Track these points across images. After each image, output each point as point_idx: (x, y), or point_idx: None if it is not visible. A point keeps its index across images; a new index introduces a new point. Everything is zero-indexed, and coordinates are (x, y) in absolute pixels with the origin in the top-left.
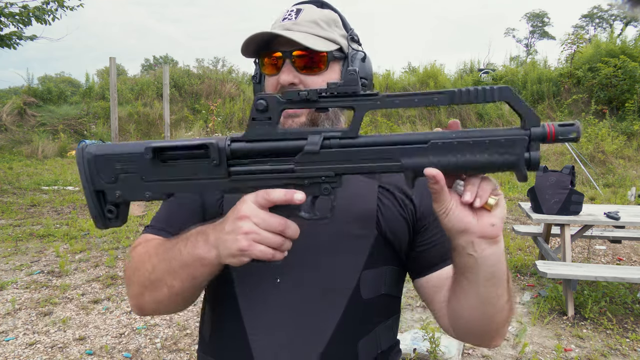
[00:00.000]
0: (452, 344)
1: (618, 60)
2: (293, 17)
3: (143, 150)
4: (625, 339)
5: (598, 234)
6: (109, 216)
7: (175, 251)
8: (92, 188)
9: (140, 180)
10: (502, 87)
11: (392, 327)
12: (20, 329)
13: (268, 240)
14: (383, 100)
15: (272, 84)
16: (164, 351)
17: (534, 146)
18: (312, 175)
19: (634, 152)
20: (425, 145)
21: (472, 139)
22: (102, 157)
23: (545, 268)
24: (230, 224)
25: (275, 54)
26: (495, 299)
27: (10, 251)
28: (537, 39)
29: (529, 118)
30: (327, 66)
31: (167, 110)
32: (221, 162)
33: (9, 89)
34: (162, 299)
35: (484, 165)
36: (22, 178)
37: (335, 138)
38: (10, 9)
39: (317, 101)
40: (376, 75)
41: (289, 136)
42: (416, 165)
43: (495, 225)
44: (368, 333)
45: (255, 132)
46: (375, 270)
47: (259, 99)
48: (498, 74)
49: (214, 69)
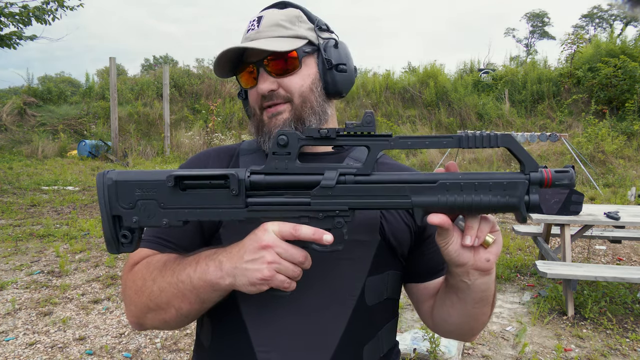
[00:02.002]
0: (452, 344)
1: (618, 60)
2: (255, 27)
3: (165, 178)
4: (625, 339)
5: (598, 234)
6: (122, 241)
7: (184, 275)
8: (109, 213)
9: (159, 207)
10: (505, 134)
11: (393, 329)
12: (20, 329)
13: (288, 271)
14: (396, 141)
15: (253, 95)
16: (164, 351)
17: (532, 189)
18: (327, 209)
19: (634, 152)
20: (434, 185)
21: (477, 180)
22: (122, 183)
23: (545, 268)
24: (251, 253)
25: (248, 68)
26: (481, 315)
27: (10, 251)
28: (537, 39)
29: (528, 163)
30: (300, 64)
31: (167, 110)
32: (240, 193)
33: (9, 89)
34: (168, 319)
35: (487, 205)
36: (22, 178)
37: (351, 174)
38: (10, 9)
39: (335, 139)
40: (376, 75)
41: (306, 171)
42: (425, 203)
43: (490, 260)
44: (372, 338)
45: (274, 165)
46: (379, 276)
47: (280, 135)
48: (498, 74)
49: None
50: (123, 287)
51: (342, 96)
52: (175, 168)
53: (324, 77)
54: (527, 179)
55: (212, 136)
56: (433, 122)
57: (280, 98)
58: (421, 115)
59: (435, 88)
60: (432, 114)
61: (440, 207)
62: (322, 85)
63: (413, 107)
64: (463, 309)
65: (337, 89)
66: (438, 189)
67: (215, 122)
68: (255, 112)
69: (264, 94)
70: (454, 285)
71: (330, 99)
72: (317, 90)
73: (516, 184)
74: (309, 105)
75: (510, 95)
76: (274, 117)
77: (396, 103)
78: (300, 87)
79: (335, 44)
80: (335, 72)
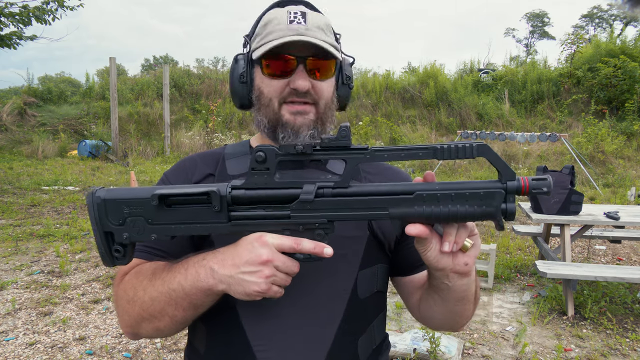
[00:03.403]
0: (452, 344)
1: (618, 60)
2: (302, 22)
3: (149, 196)
4: (625, 339)
5: (598, 234)
6: (116, 255)
7: (175, 284)
8: (101, 230)
9: (147, 223)
10: (480, 144)
11: (383, 321)
12: (20, 329)
13: (281, 281)
14: (372, 154)
15: (279, 86)
16: (164, 351)
17: (510, 198)
18: (307, 222)
19: (634, 152)
20: (411, 197)
21: (453, 191)
22: (111, 201)
23: (545, 268)
24: (249, 265)
25: (289, 57)
26: (463, 312)
27: (10, 251)
28: (537, 39)
29: (505, 172)
30: (334, 73)
31: (167, 110)
32: (222, 209)
33: (9, 89)
34: (162, 328)
35: (464, 215)
36: (22, 178)
37: (329, 187)
38: (10, 9)
39: (312, 154)
40: (376, 76)
41: (285, 185)
42: (402, 214)
43: (469, 264)
44: (365, 331)
45: (254, 181)
46: (370, 269)
47: (257, 152)
48: (498, 73)
49: (214, 69)
50: (115, 298)
51: (343, 109)
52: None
53: (339, 90)
54: (504, 188)
55: (212, 136)
56: (433, 122)
57: (311, 99)
58: (421, 115)
59: (435, 88)
60: (432, 114)
61: (417, 217)
62: (336, 97)
63: (413, 107)
64: (446, 307)
65: (344, 103)
66: (415, 200)
67: (215, 122)
68: (272, 103)
69: (303, 91)
70: (436, 286)
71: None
72: (334, 100)
73: (493, 193)
74: (330, 113)
75: (510, 95)
76: (299, 115)
77: (396, 103)
78: (328, 94)
79: (352, 62)
80: (347, 87)
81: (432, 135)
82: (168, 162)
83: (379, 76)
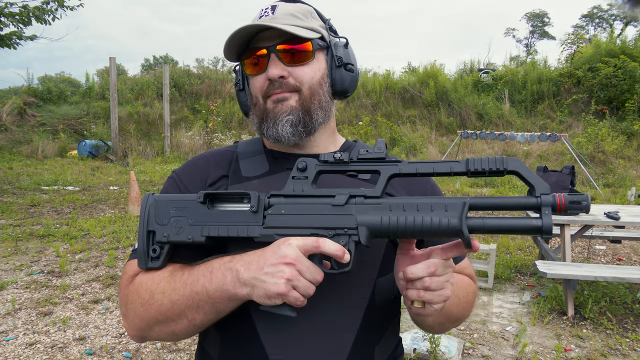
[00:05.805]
0: (452, 344)
1: (618, 60)
2: (270, 13)
3: (196, 197)
4: (625, 339)
5: (598, 234)
6: (151, 255)
7: (199, 286)
8: (145, 228)
9: (188, 223)
10: (514, 159)
11: (397, 326)
12: (20, 329)
13: (303, 288)
14: (405, 166)
15: (258, 83)
16: (164, 351)
17: (545, 212)
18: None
19: (634, 152)
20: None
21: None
22: (162, 202)
23: (545, 268)
24: (271, 266)
25: (259, 52)
26: (454, 321)
27: (10, 251)
28: (537, 39)
29: (538, 186)
30: (313, 55)
31: (167, 110)
32: (258, 210)
33: (9, 89)
34: (178, 331)
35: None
36: (22, 178)
37: (360, 196)
38: (10, 9)
39: (349, 163)
40: (376, 75)
41: (320, 193)
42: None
43: (436, 307)
44: (382, 337)
45: (292, 187)
46: (387, 276)
47: (300, 160)
48: (498, 74)
49: (214, 69)
50: (124, 301)
51: (346, 96)
52: (176, 168)
53: (333, 74)
54: (538, 203)
55: (212, 136)
56: (433, 122)
57: (289, 87)
58: (421, 115)
59: (435, 88)
60: (432, 114)
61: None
62: (329, 82)
63: (413, 107)
64: (434, 320)
65: (344, 87)
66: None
67: (215, 122)
68: (258, 101)
69: (274, 79)
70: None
71: (335, 97)
72: (326, 85)
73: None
74: (317, 99)
75: (510, 95)
76: (279, 102)
77: (396, 103)
78: (311, 78)
79: (345, 43)
80: (344, 70)
81: (432, 135)
82: (168, 162)
83: (379, 76)
